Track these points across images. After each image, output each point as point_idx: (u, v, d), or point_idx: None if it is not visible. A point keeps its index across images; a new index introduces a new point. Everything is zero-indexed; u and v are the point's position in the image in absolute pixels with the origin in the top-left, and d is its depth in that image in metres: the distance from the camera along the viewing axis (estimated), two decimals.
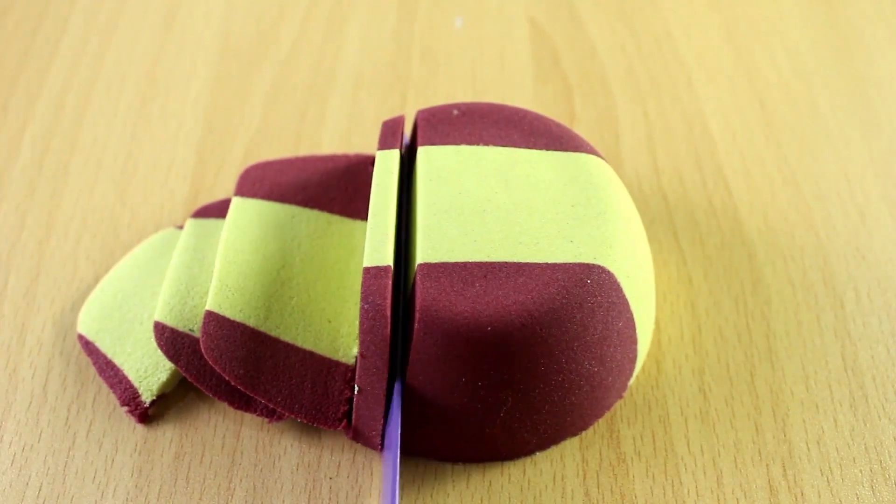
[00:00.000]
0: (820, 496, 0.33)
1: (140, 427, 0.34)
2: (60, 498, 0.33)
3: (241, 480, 0.33)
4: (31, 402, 0.35)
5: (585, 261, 0.31)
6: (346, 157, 0.40)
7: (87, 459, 0.34)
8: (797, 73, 0.47)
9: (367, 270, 0.31)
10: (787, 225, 0.41)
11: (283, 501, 0.33)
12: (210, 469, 0.33)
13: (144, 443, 0.34)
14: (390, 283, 0.31)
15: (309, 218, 0.37)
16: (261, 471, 0.33)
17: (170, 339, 0.34)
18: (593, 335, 0.32)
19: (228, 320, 0.34)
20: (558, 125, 0.36)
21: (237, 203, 0.37)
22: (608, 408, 0.34)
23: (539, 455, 0.34)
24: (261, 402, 0.33)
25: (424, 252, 0.32)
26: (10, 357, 0.37)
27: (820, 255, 0.39)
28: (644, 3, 0.52)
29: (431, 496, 0.33)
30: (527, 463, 0.33)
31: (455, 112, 0.36)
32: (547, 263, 0.31)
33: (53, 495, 0.33)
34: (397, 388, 0.32)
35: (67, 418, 0.35)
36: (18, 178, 0.43)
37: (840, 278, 0.39)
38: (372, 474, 0.33)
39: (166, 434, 0.34)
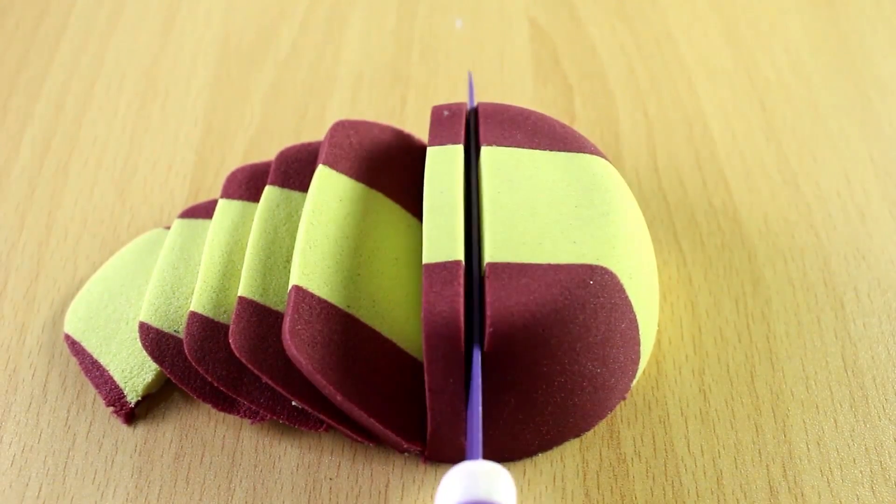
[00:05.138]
0: (820, 497, 0.33)
1: (140, 427, 0.34)
2: (60, 498, 0.33)
3: (241, 481, 0.33)
4: (31, 403, 0.35)
5: (588, 262, 0.31)
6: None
7: (87, 460, 0.34)
8: (797, 73, 0.48)
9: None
10: (787, 225, 0.41)
11: (283, 502, 0.33)
12: (210, 469, 0.33)
13: (144, 443, 0.34)
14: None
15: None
16: (261, 471, 0.33)
17: (154, 340, 0.34)
18: (595, 336, 0.31)
19: (212, 321, 0.34)
20: (563, 125, 0.36)
21: (223, 205, 0.37)
22: (611, 409, 0.34)
23: (539, 455, 0.34)
24: (244, 403, 0.33)
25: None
26: (10, 357, 0.37)
27: (820, 255, 0.39)
28: (644, 3, 0.52)
29: (432, 496, 0.33)
30: (527, 463, 0.33)
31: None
32: (550, 264, 0.31)
33: (53, 496, 0.33)
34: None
35: (67, 418, 0.35)
36: (18, 178, 0.43)
37: (840, 279, 0.39)
38: (371, 475, 0.33)
39: (166, 434, 0.34)
